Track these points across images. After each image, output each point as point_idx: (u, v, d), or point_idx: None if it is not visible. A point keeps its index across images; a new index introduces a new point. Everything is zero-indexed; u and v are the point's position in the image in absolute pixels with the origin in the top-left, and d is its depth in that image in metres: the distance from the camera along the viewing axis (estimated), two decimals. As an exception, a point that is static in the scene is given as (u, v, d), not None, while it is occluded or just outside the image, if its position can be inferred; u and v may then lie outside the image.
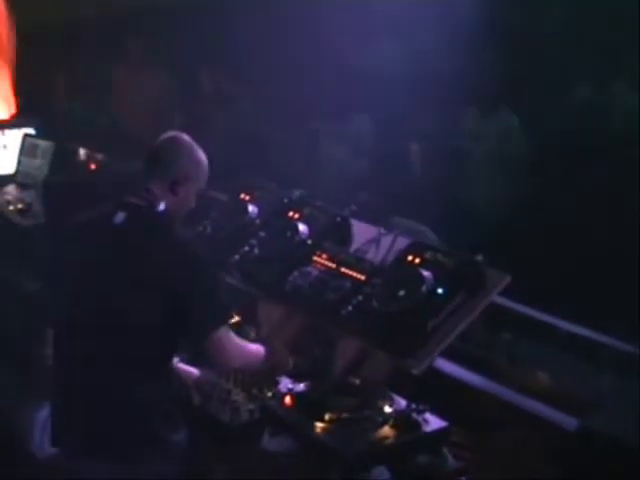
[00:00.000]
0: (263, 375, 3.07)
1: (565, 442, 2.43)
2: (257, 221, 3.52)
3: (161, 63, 6.82)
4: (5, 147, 5.53)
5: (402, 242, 3.07)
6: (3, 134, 5.58)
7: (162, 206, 2.91)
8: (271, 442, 2.89)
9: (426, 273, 2.86)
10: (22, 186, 5.24)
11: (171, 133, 3.06)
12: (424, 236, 3.82)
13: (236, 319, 3.52)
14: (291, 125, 6.22)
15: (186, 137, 3.04)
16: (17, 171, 5.40)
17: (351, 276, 3.07)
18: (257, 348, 3.04)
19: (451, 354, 2.86)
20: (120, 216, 2.89)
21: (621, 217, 5.02)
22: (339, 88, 6.09)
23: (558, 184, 5.59)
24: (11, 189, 5.26)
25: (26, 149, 5.40)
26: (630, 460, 2.33)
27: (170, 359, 2.97)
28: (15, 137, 5.54)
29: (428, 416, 2.80)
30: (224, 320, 2.91)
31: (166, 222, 2.92)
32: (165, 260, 2.81)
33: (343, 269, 3.11)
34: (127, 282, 2.83)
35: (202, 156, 3.04)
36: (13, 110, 5.92)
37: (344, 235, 3.30)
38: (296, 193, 3.48)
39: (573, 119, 5.95)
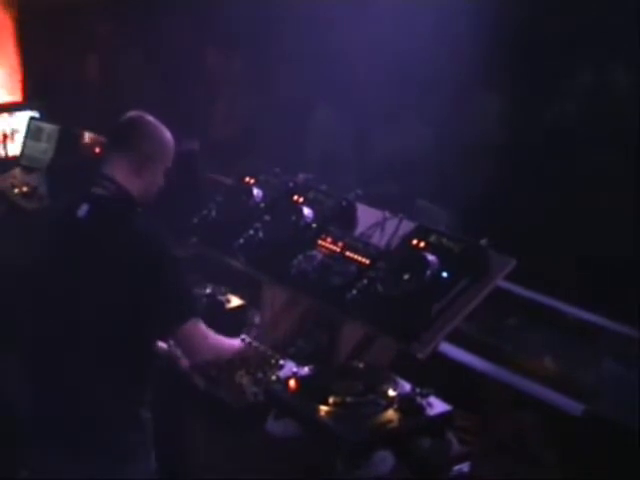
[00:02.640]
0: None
1: (570, 427, 2.41)
2: (262, 205, 3.49)
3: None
4: (13, 131, 5.52)
5: (407, 226, 3.05)
6: (4, 118, 5.58)
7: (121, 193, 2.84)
8: (275, 425, 2.90)
9: (431, 257, 2.84)
10: (27, 169, 5.23)
11: (131, 113, 2.96)
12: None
13: (240, 302, 3.52)
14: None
15: (148, 116, 2.94)
16: (22, 154, 5.38)
17: (356, 260, 3.05)
18: (229, 342, 3.05)
19: (456, 338, 2.84)
20: (84, 208, 2.80)
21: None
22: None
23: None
24: (16, 172, 5.25)
25: (31, 132, 5.38)
26: (635, 445, 2.31)
27: (142, 363, 2.88)
28: (20, 121, 5.53)
29: (432, 400, 2.80)
30: (191, 312, 2.85)
31: (128, 213, 2.84)
32: (126, 254, 2.74)
33: (348, 253, 3.09)
34: (92, 277, 2.75)
35: (166, 134, 2.95)
36: (16, 94, 5.90)
37: (349, 219, 3.28)
38: (301, 177, 3.47)
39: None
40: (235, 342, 3.08)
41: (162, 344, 3.08)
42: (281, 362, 3.05)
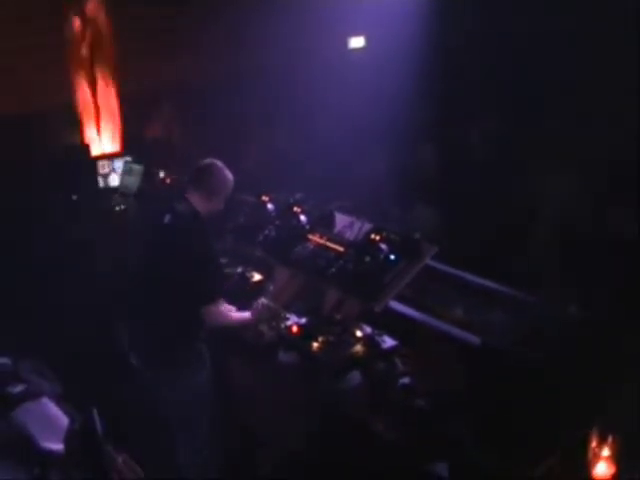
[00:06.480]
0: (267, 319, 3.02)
1: (471, 353, 2.40)
2: (273, 214, 3.49)
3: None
4: (115, 170, 5.52)
5: (367, 226, 3.04)
6: (113, 162, 5.58)
7: (193, 210, 2.85)
8: (284, 356, 2.90)
9: (383, 246, 2.86)
10: (123, 194, 5.25)
11: (207, 160, 2.94)
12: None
13: (260, 277, 3.50)
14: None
15: (218, 162, 2.92)
16: (120, 185, 5.41)
17: (334, 249, 3.06)
18: (238, 315, 2.95)
19: (399, 298, 2.84)
20: (167, 217, 2.85)
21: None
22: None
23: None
24: (117, 196, 5.28)
25: (126, 170, 5.39)
26: (511, 366, 2.29)
27: (193, 317, 2.84)
28: (120, 163, 5.54)
29: (385, 338, 2.81)
30: (215, 298, 2.81)
31: (194, 222, 2.85)
32: (188, 247, 2.77)
33: (329, 244, 3.10)
34: (167, 259, 2.80)
35: (228, 175, 2.92)
36: (119, 146, 5.91)
37: (330, 222, 3.28)
38: (298, 195, 3.43)
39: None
40: (245, 314, 2.95)
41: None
42: (287, 315, 3.04)
